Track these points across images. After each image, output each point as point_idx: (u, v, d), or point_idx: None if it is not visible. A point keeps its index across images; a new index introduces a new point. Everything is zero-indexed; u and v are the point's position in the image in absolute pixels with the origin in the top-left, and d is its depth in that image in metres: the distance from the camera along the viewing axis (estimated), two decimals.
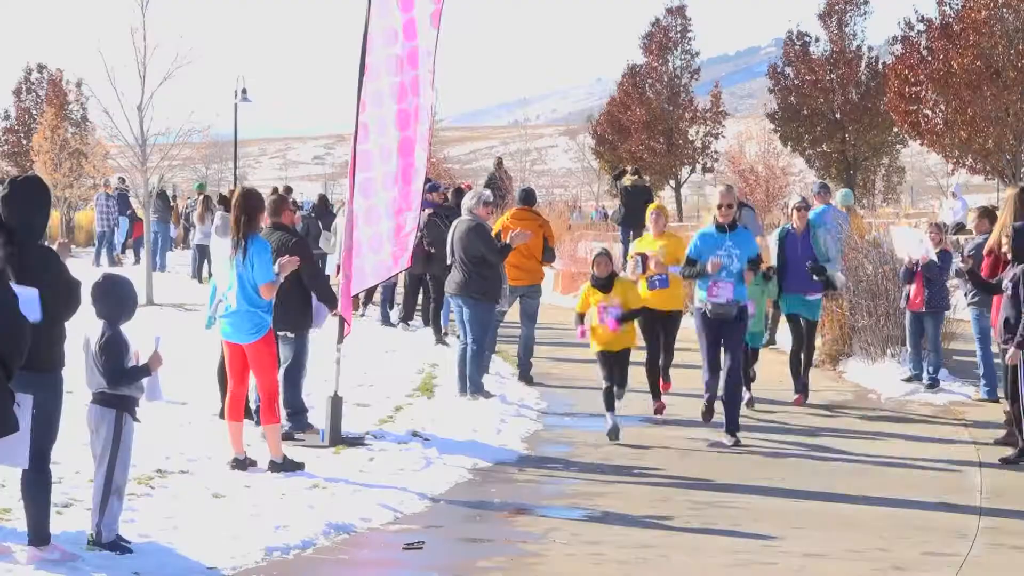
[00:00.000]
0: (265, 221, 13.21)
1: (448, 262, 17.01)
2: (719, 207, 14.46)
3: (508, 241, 16.81)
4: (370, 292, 23.62)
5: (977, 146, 45.11)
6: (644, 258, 15.54)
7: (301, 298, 13.91)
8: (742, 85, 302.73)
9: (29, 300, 8.62)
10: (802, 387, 16.87)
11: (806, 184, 25.04)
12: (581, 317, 14.48)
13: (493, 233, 17.32)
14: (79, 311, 9.20)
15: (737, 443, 14.04)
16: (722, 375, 14.27)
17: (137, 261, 39.21)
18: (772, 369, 18.06)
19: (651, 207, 16.53)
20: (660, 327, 15.90)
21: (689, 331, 15.45)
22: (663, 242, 15.85)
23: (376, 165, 13.85)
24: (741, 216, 21.67)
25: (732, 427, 14.22)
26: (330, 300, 14.17)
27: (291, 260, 12.99)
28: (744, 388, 15.60)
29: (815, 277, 16.67)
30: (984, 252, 14.81)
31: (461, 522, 11.05)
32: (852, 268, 19.18)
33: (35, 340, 8.73)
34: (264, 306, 12.39)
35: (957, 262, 16.53)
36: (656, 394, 15.83)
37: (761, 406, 16.26)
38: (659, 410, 15.68)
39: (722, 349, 14.37)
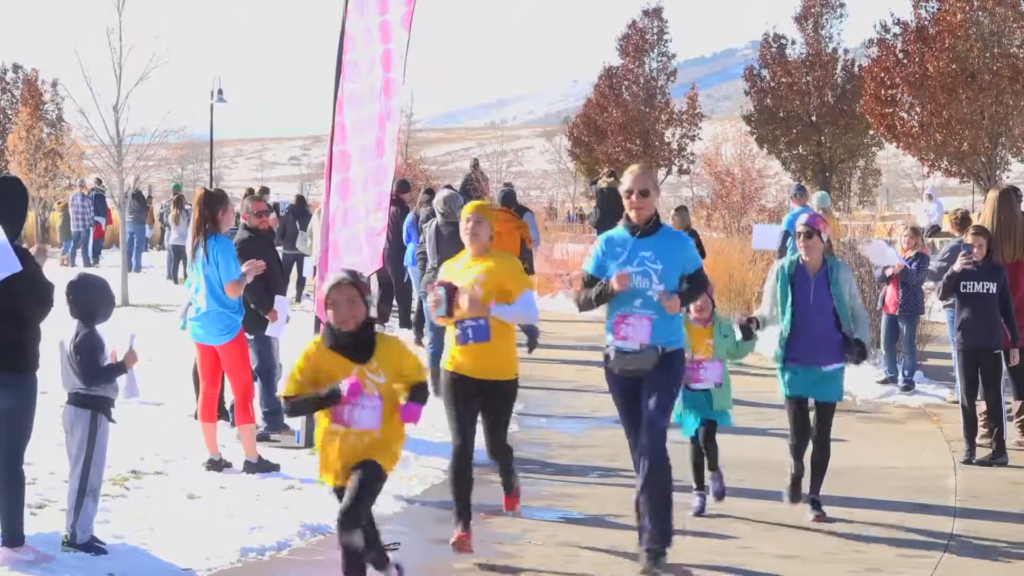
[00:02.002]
0: (229, 221, 13.02)
1: (431, 263, 16.89)
2: (628, 195, 9.67)
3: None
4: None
5: (952, 149, 45.25)
6: (451, 292, 9.72)
7: (270, 298, 13.81)
8: (718, 87, 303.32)
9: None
10: (818, 507, 11.26)
11: (782, 187, 25.06)
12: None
13: None
14: (53, 313, 9.17)
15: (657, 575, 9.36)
16: (641, 464, 9.53)
17: (72, 264, 38.82)
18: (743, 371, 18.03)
19: (467, 208, 10.11)
20: (485, 406, 10.05)
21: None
22: (485, 265, 9.88)
23: (354, 166, 13.83)
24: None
25: (655, 543, 9.34)
26: (263, 304, 13.87)
27: (255, 264, 12.93)
28: (708, 470, 11.49)
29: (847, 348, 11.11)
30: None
31: (436, 523, 11.03)
32: None
33: (8, 341, 8.71)
34: (234, 306, 12.37)
35: (934, 263, 16.53)
36: (464, 522, 9.92)
37: (737, 409, 16.21)
38: (460, 544, 9.84)
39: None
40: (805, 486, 11.31)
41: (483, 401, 10.01)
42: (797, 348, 11.10)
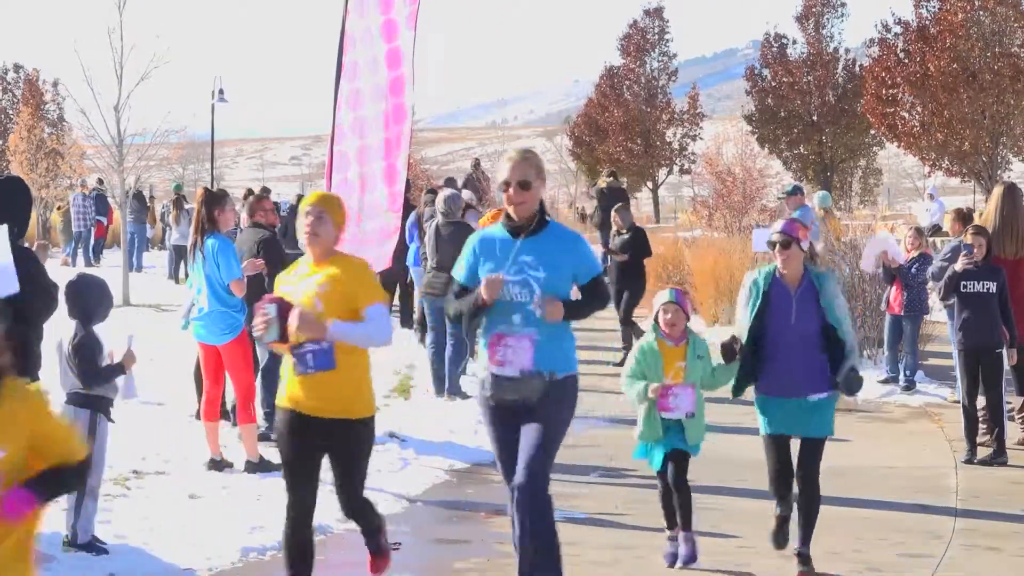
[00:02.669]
0: (229, 221, 13.04)
1: (431, 264, 16.91)
2: (504, 187, 8.07)
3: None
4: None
5: (953, 148, 45.25)
6: (283, 310, 7.88)
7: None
8: (719, 87, 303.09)
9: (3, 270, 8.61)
10: (806, 563, 9.64)
11: (784, 186, 25.01)
12: None
13: None
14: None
15: None
16: (516, 513, 8.12)
17: (74, 264, 38.82)
18: None
19: (306, 201, 8.25)
20: (332, 453, 8.14)
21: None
22: (328, 273, 8.04)
23: (352, 166, 13.82)
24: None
25: None
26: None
27: (254, 263, 12.96)
28: (678, 525, 9.91)
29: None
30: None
31: (438, 523, 11.04)
32: (828, 270, 19.22)
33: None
34: (236, 306, 12.38)
35: (936, 262, 16.48)
36: None
37: (737, 407, 16.18)
38: None
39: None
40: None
41: (330, 447, 8.06)
42: (777, 377, 9.45)
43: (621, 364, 18.03)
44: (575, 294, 8.12)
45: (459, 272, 8.22)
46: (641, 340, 9.93)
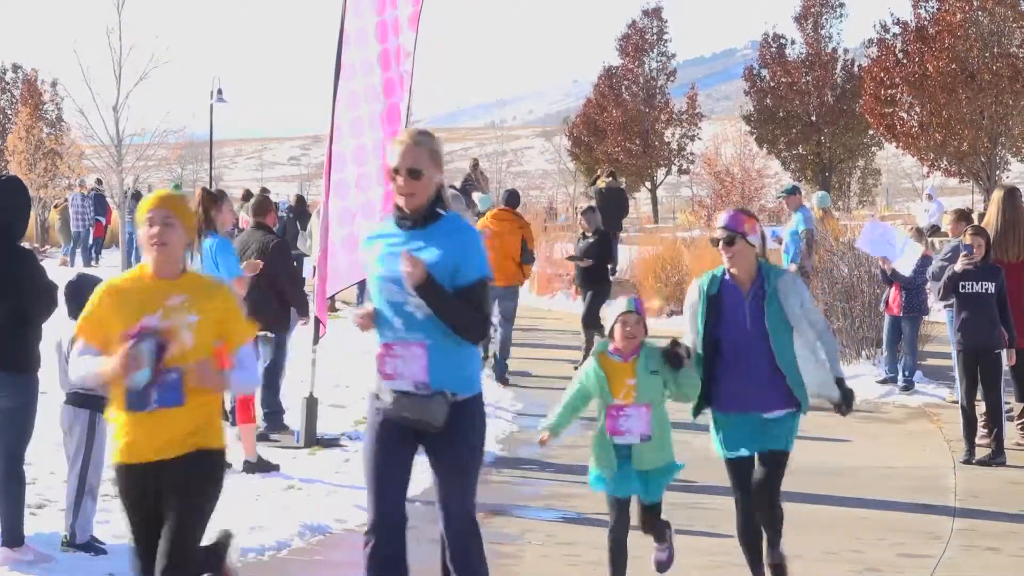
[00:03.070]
0: (226, 221, 13.04)
1: None
2: (392, 175, 7.06)
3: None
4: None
5: (952, 149, 45.22)
6: (162, 346, 6.51)
7: (279, 299, 13.89)
8: (718, 87, 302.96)
9: None
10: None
11: (782, 186, 24.97)
12: None
13: None
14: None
15: None
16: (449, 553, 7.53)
17: (72, 264, 38.81)
18: None
19: (147, 204, 6.73)
20: (162, 501, 6.85)
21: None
22: (193, 299, 6.67)
23: (349, 166, 13.83)
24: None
25: None
26: (301, 306, 14.18)
27: (253, 263, 12.97)
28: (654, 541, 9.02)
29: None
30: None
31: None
32: (827, 270, 19.24)
33: (11, 342, 8.72)
34: None
35: (936, 262, 16.47)
36: None
37: None
38: None
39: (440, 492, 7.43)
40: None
41: (170, 487, 6.72)
42: (732, 390, 8.38)
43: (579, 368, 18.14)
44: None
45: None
46: (585, 364, 8.77)
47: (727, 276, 8.40)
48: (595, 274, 19.98)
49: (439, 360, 6.88)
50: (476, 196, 23.01)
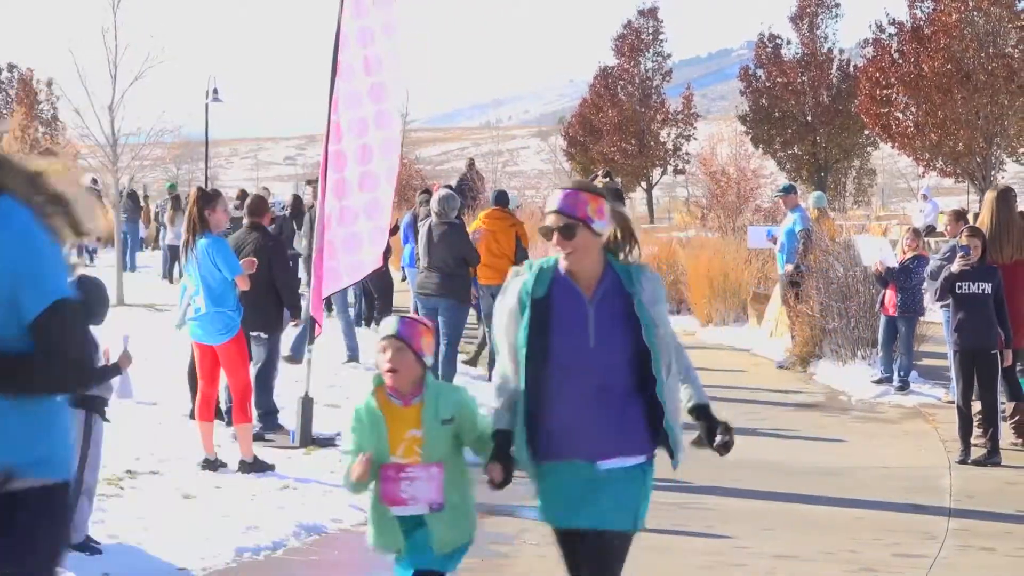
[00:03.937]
0: (220, 221, 13.02)
1: (422, 264, 16.91)
2: None
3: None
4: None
5: (948, 149, 45.31)
6: None
7: (274, 299, 13.90)
8: (714, 87, 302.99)
9: None
10: None
11: (778, 186, 24.91)
12: None
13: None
14: None
15: None
16: None
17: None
18: (739, 360, 18.04)
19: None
20: None
21: None
22: None
23: (350, 166, 13.81)
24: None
25: None
26: (294, 307, 14.19)
27: (249, 262, 12.98)
28: None
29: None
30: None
31: None
32: (823, 270, 19.26)
33: None
34: (231, 305, 12.38)
35: (933, 262, 16.47)
36: None
37: (729, 407, 16.17)
38: None
39: None
40: None
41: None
42: (564, 430, 6.09)
43: (467, 362, 18.02)
44: None
45: None
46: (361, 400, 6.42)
47: (561, 271, 6.13)
48: None
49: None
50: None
